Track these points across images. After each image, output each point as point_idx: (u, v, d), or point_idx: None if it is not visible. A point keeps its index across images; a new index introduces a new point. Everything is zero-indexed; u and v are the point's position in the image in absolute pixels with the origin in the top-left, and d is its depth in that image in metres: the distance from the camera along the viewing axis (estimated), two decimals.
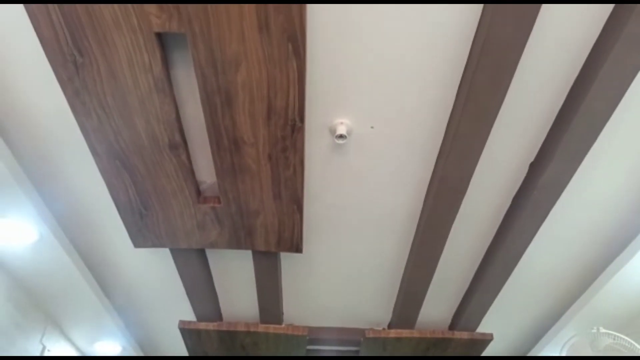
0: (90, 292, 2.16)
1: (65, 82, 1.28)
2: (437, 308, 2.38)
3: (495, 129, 1.47)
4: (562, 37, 1.27)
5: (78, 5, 1.12)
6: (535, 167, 1.64)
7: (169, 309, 2.43)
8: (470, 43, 1.27)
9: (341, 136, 1.50)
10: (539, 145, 1.59)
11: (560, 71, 1.36)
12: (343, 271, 2.12)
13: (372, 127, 1.53)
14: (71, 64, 1.23)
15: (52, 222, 1.84)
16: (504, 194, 1.74)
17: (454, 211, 1.72)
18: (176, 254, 2.00)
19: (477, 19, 1.23)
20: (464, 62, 1.31)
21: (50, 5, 1.11)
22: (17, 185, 1.65)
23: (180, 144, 1.47)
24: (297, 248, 1.90)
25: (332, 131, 1.53)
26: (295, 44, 1.19)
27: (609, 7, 1.19)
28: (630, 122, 1.50)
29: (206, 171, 1.67)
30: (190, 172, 1.58)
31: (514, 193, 1.74)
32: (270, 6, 1.11)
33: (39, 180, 1.72)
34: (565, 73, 1.36)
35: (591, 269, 2.05)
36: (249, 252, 2.00)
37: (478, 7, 1.20)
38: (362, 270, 2.11)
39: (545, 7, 1.18)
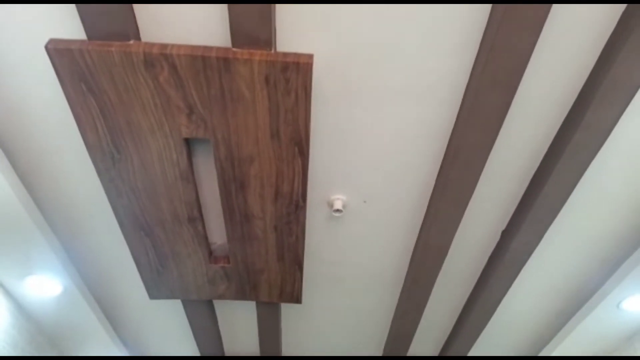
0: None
1: (102, 172, 1.50)
2: (423, 349, 2.60)
3: (471, 204, 1.71)
4: (525, 136, 1.51)
5: (120, 116, 1.34)
6: (507, 234, 1.88)
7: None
8: (446, 144, 1.51)
9: (337, 210, 1.73)
10: (510, 216, 1.83)
11: (524, 159, 1.60)
12: (338, 319, 2.34)
13: (364, 202, 1.76)
14: (109, 158, 1.45)
15: (75, 275, 2.04)
16: (480, 256, 1.98)
17: (436, 271, 1.95)
18: (186, 302, 2.20)
19: (453, 120, 1.47)
20: (441, 158, 1.56)
21: (95, 115, 1.33)
22: (47, 244, 1.86)
23: (197, 218, 1.69)
24: (297, 299, 2.11)
25: (330, 205, 1.76)
26: (301, 146, 1.42)
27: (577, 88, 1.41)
28: (589, 197, 1.74)
29: (217, 234, 1.88)
30: (204, 238, 1.79)
31: (489, 255, 1.97)
32: (282, 119, 1.34)
33: (66, 239, 1.93)
34: (528, 162, 1.60)
35: (561, 316, 2.29)
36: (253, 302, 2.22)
37: (453, 110, 1.44)
38: (354, 318, 2.33)
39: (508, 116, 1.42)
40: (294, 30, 1.22)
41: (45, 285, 1.99)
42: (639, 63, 1.20)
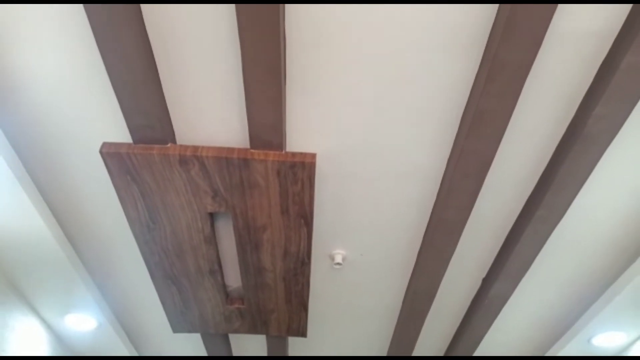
0: None
1: (139, 236, 1.77)
2: None
3: (454, 258, 1.96)
4: (496, 209, 1.77)
5: (157, 198, 1.61)
6: (487, 281, 2.14)
7: None
8: (430, 214, 1.77)
9: (338, 263, 2.00)
10: (489, 266, 2.09)
11: (503, 210, 1.84)
12: (339, 348, 2.61)
13: (361, 255, 2.03)
14: (145, 227, 1.73)
15: (109, 313, 2.33)
16: (462, 301, 2.24)
17: (425, 311, 2.21)
18: (205, 335, 2.48)
19: (434, 196, 1.73)
20: (426, 224, 1.82)
21: (136, 197, 1.61)
22: (84, 285, 2.13)
23: (217, 270, 1.96)
24: (303, 334, 2.38)
25: (332, 258, 2.02)
26: (306, 219, 1.69)
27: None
28: (559, 249, 1.99)
29: (233, 278, 2.15)
30: (222, 286, 2.06)
31: (472, 297, 2.23)
32: (290, 200, 1.61)
33: (100, 280, 2.21)
34: (509, 212, 1.84)
35: (539, 349, 2.55)
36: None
37: (434, 188, 1.70)
38: (354, 348, 2.60)
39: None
40: (301, 133, 1.48)
41: (82, 321, 2.28)
42: (587, 158, 1.46)
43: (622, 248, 1.90)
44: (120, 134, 1.47)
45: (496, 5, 1.16)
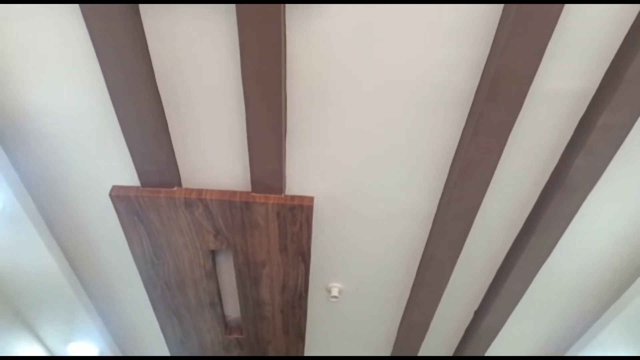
0: None
1: (143, 271, 1.85)
2: None
3: (446, 293, 2.04)
4: (484, 247, 1.85)
5: (161, 236, 1.69)
6: (478, 314, 2.21)
7: None
8: (422, 252, 1.85)
9: (334, 296, 2.07)
10: (481, 299, 2.16)
11: (492, 249, 1.93)
12: None
13: (357, 288, 2.10)
14: (150, 263, 1.80)
15: (110, 340, 2.38)
16: (455, 332, 2.30)
17: (419, 341, 2.27)
18: None
19: (427, 235, 1.81)
20: (419, 261, 1.90)
21: (142, 235, 1.68)
22: (87, 314, 2.20)
23: (217, 303, 2.03)
24: None
25: (328, 291, 2.09)
26: (304, 257, 1.76)
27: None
28: (546, 284, 2.07)
29: (232, 309, 2.22)
30: (222, 317, 2.13)
31: (463, 330, 2.30)
32: (289, 239, 1.69)
33: (103, 309, 2.27)
34: (497, 251, 1.93)
35: None
36: None
37: (426, 228, 1.78)
38: None
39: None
40: (300, 177, 1.57)
41: (85, 349, 2.34)
42: (569, 205, 1.55)
43: (607, 284, 1.97)
44: (128, 175, 1.56)
45: (481, 68, 1.26)
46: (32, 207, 1.64)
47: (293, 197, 1.57)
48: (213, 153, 1.50)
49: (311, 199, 1.58)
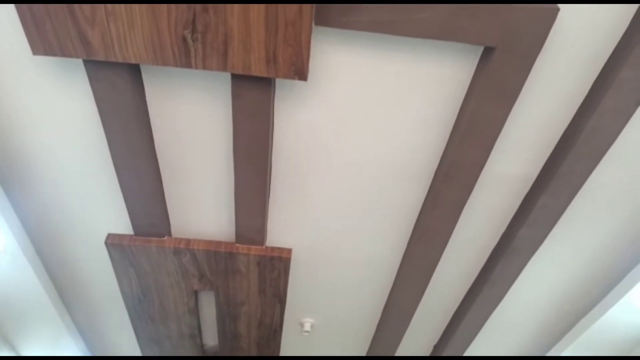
0: None
1: (129, 306, 1.99)
2: None
3: (408, 330, 2.24)
4: (452, 278, 2.05)
5: (150, 277, 1.83)
6: (437, 348, 2.41)
7: None
8: (387, 296, 2.04)
9: (307, 331, 2.24)
10: (440, 335, 2.36)
11: (449, 298, 2.14)
12: None
13: (328, 322, 2.28)
14: (137, 300, 1.94)
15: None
16: None
17: None
18: None
19: (392, 279, 2.00)
20: (384, 304, 2.09)
21: (132, 276, 1.83)
22: (72, 341, 2.32)
23: (197, 335, 2.18)
24: None
25: (301, 325, 2.27)
26: (280, 299, 1.93)
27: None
28: (497, 331, 2.29)
29: (210, 337, 2.37)
30: (201, 346, 2.28)
31: None
32: (267, 283, 1.86)
33: (88, 337, 2.39)
34: (453, 299, 2.14)
35: None
36: None
37: (392, 274, 1.98)
38: None
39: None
40: (281, 231, 1.74)
41: None
42: (515, 265, 1.76)
43: (549, 329, 2.20)
44: (122, 222, 1.70)
45: (439, 154, 1.46)
46: (29, 248, 1.77)
47: (273, 249, 1.74)
48: (202, 208, 1.66)
49: (289, 250, 1.75)
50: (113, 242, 1.68)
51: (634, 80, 1.17)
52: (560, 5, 1.08)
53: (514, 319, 2.14)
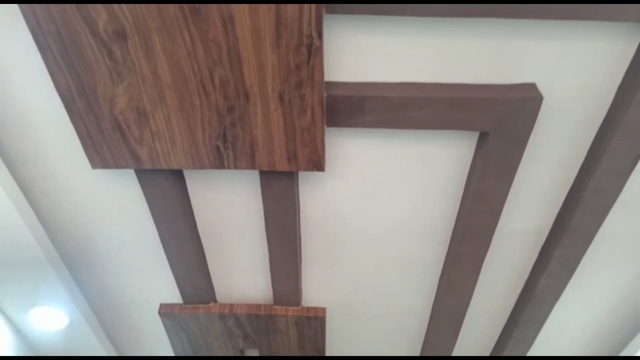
0: None
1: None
2: None
3: None
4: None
5: (199, 339, 2.01)
6: None
7: None
8: (422, 343, 2.14)
9: None
10: None
11: (481, 342, 2.21)
12: None
13: None
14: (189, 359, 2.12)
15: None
16: None
17: None
18: None
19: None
20: (419, 351, 2.18)
21: (184, 340, 2.00)
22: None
23: None
24: None
25: None
26: (319, 351, 2.06)
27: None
28: None
29: None
30: None
31: None
32: (306, 339, 1.99)
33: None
34: (485, 344, 2.21)
35: None
36: None
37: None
38: None
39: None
40: (315, 292, 1.88)
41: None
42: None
43: None
44: (172, 292, 1.89)
45: (454, 215, 1.58)
46: (93, 320, 1.98)
47: (309, 309, 1.88)
48: (242, 276, 1.83)
49: (324, 309, 1.89)
50: (165, 312, 1.86)
51: (626, 147, 1.26)
52: (546, 92, 1.20)
53: None
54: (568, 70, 1.17)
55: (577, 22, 1.09)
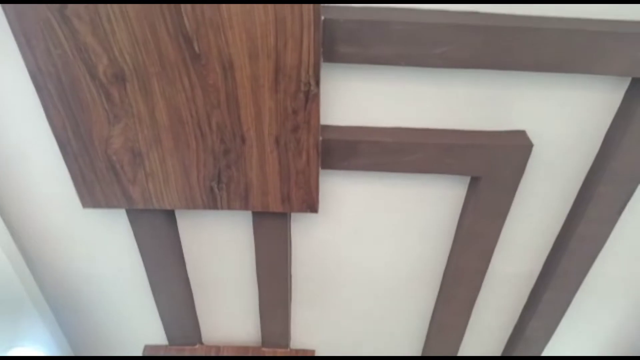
0: None
1: None
2: None
3: None
4: None
5: None
6: None
7: None
8: None
9: None
10: None
11: None
12: None
13: None
14: None
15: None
16: None
17: None
18: None
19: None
20: None
21: None
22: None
23: None
24: None
25: None
26: None
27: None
28: None
29: None
30: None
31: None
32: None
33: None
34: None
35: None
36: None
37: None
38: None
39: None
40: (304, 334, 1.85)
41: None
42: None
43: None
44: (157, 333, 1.84)
45: (445, 258, 1.58)
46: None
47: (297, 351, 1.84)
48: (230, 316, 1.79)
49: (312, 351, 1.85)
50: (150, 354, 1.81)
51: (612, 194, 1.30)
52: (535, 140, 1.23)
53: None
54: (557, 118, 1.21)
55: (565, 74, 1.14)
